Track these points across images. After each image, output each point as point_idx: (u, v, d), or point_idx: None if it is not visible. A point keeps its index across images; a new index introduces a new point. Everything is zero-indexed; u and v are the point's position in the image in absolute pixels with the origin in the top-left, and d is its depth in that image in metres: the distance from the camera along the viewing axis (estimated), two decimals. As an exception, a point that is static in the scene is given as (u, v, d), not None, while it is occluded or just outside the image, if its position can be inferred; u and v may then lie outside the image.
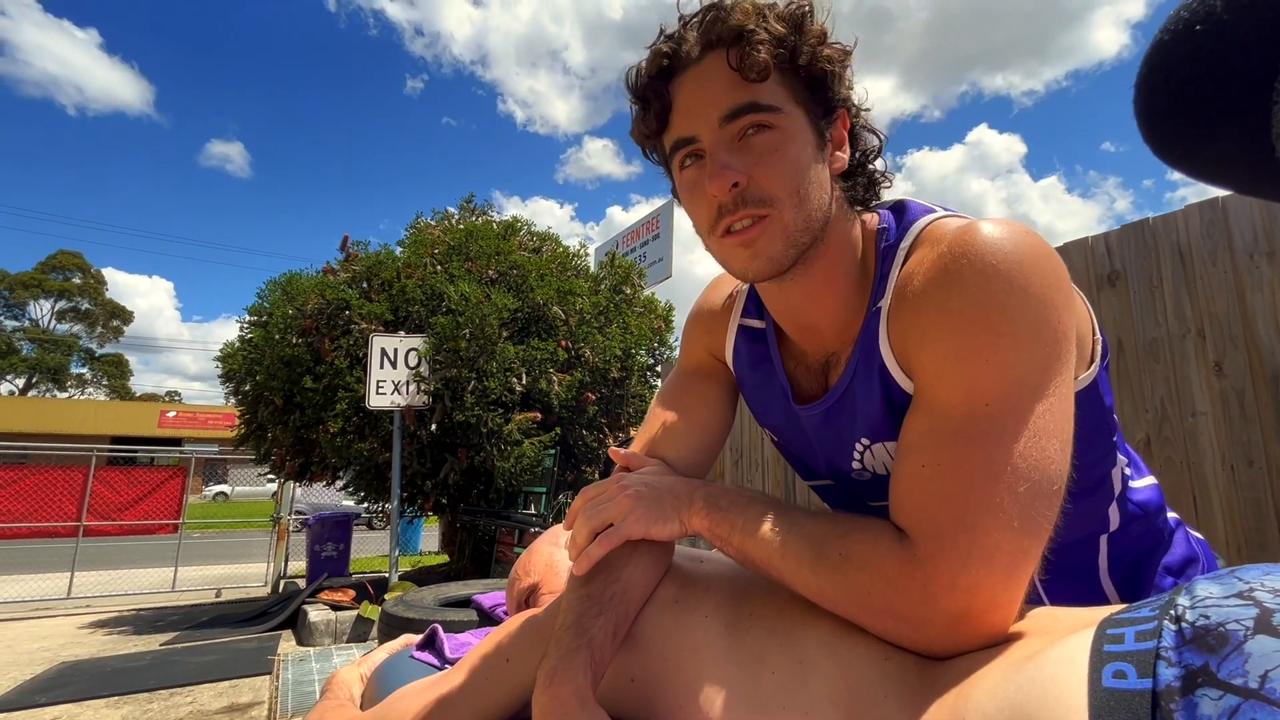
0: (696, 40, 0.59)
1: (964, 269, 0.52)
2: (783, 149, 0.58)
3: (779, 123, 0.58)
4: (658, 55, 0.60)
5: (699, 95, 0.59)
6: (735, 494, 0.61)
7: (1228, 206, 2.29)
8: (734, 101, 0.57)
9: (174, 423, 25.36)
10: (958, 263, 0.53)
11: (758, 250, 0.60)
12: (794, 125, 0.59)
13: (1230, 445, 2.20)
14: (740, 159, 0.58)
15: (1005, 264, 0.51)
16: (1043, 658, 0.37)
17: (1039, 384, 0.50)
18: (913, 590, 0.47)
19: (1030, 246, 0.52)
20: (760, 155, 0.58)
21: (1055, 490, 0.48)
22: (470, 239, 5.68)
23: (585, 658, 0.52)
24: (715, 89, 0.58)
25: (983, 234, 0.53)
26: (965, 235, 0.54)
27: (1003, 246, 0.52)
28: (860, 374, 0.63)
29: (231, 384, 5.95)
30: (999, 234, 0.53)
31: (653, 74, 0.61)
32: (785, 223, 0.59)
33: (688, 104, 0.60)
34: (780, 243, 0.59)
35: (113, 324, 40.72)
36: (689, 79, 0.60)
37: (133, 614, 5.91)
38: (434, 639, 0.89)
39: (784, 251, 0.60)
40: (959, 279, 0.53)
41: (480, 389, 4.81)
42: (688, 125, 0.60)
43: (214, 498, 23.47)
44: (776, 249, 0.59)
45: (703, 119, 0.59)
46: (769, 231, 0.59)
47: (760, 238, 0.59)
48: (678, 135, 0.61)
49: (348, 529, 6.41)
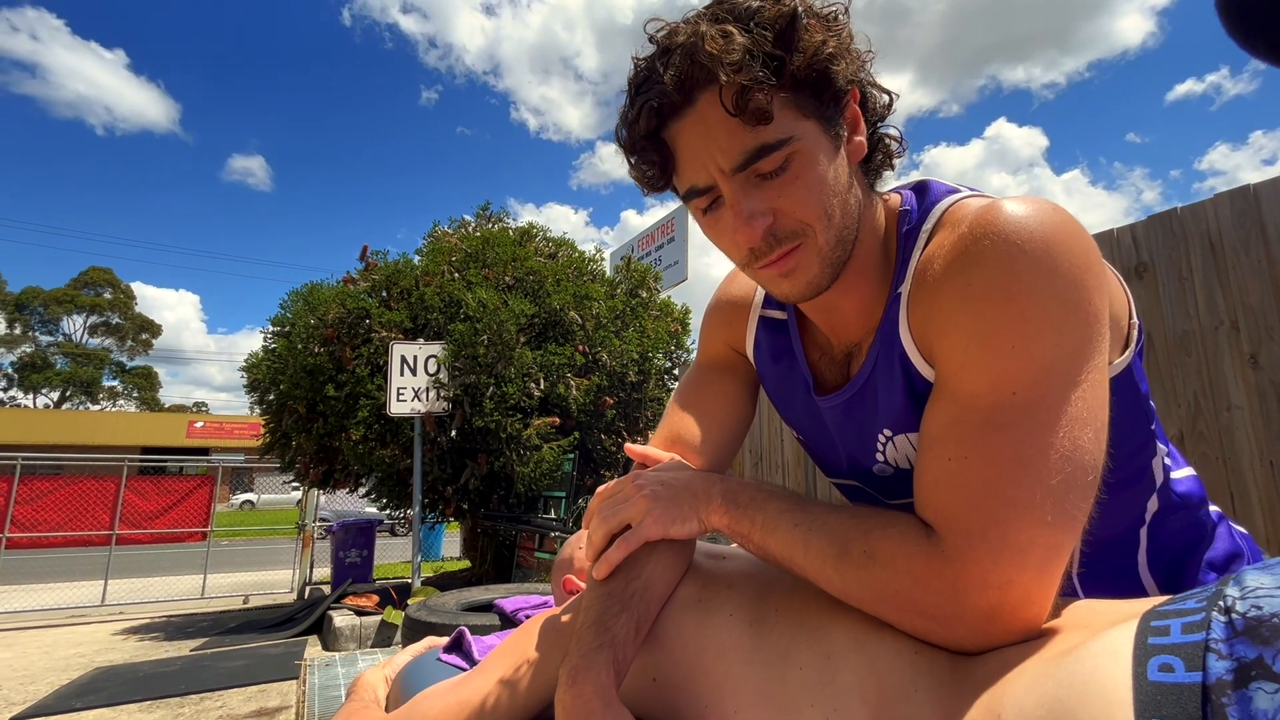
0: (676, 84, 0.54)
1: (986, 250, 0.50)
2: (804, 176, 0.55)
3: (793, 151, 0.54)
4: (648, 111, 0.56)
5: (703, 144, 0.55)
6: (754, 489, 0.60)
7: (1260, 195, 2.23)
8: (742, 150, 0.54)
9: (201, 433, 25.89)
10: (980, 243, 0.51)
11: (796, 278, 0.59)
12: (809, 145, 0.55)
13: (1269, 441, 2.13)
14: (762, 198, 0.55)
15: (1031, 243, 0.49)
16: (1083, 651, 0.36)
17: (1070, 369, 0.47)
18: (942, 588, 0.45)
19: (1058, 224, 0.50)
20: (782, 188, 0.55)
21: (1090, 481, 0.46)
22: (487, 246, 5.73)
23: (608, 656, 0.51)
24: (718, 136, 0.54)
25: (1006, 212, 0.51)
26: (988, 214, 0.52)
27: (1028, 224, 0.50)
28: (881, 363, 0.61)
29: (256, 393, 6.05)
30: (1024, 211, 0.51)
31: (646, 132, 0.57)
32: (819, 246, 0.57)
33: (692, 154, 0.56)
34: (817, 266, 0.58)
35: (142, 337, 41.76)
36: (685, 127, 0.56)
37: (164, 620, 6.03)
38: (461, 641, 0.89)
39: (822, 273, 0.59)
40: (981, 260, 0.50)
41: (499, 394, 4.83)
42: (699, 175, 0.57)
43: (241, 506, 23.87)
44: (814, 273, 0.59)
45: (713, 168, 0.55)
46: (805, 259, 0.58)
47: (798, 266, 0.58)
48: (690, 185, 0.58)
49: (371, 535, 6.48)
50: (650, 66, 0.56)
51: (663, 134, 0.58)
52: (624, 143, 0.61)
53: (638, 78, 0.58)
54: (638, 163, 0.60)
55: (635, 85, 0.58)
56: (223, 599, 6.99)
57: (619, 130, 0.61)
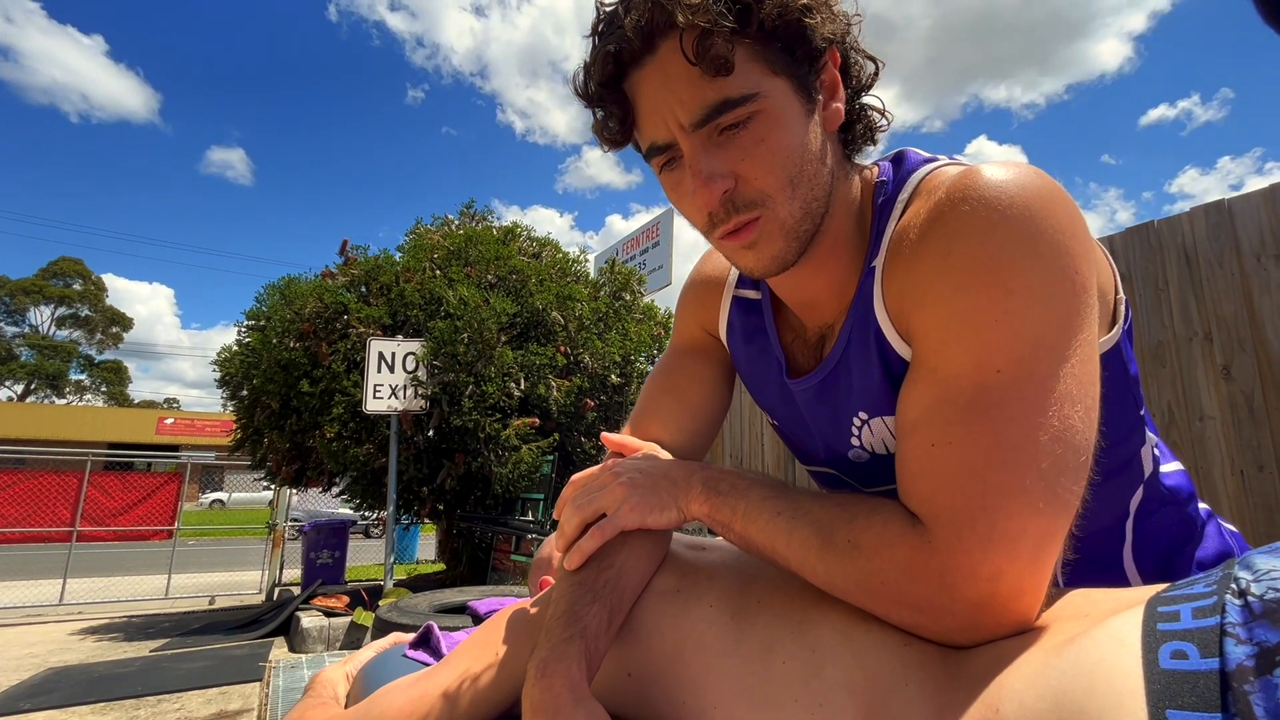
0: (635, 30, 0.51)
1: (965, 217, 0.47)
2: (768, 138, 0.52)
3: (758, 108, 0.51)
4: (605, 57, 0.53)
5: (662, 96, 0.52)
6: (735, 477, 0.57)
7: (1233, 209, 2.27)
8: (702, 103, 0.50)
9: (172, 429, 25.25)
10: (957, 209, 0.48)
11: (760, 251, 0.56)
12: (776, 103, 0.52)
13: (1240, 450, 2.16)
14: (723, 159, 0.52)
15: (1012, 209, 0.46)
16: (1086, 640, 0.33)
17: (1057, 344, 0.44)
18: (929, 579, 0.43)
19: (1039, 188, 0.47)
20: (745, 150, 0.52)
21: (1082, 462, 0.44)
22: (470, 244, 5.67)
23: (579, 647, 0.48)
24: (678, 88, 0.51)
25: (985, 177, 0.48)
26: (966, 179, 0.49)
27: (1008, 189, 0.46)
28: (855, 342, 0.58)
29: (229, 388, 5.90)
30: (1003, 176, 0.47)
31: (603, 80, 0.54)
32: (781, 219, 0.54)
33: (651, 106, 0.53)
34: (780, 240, 0.55)
35: (112, 330, 40.69)
36: (646, 77, 0.53)
37: (124, 620, 5.83)
38: (429, 637, 0.85)
39: (786, 247, 0.56)
40: (960, 229, 0.47)
41: (478, 394, 4.77)
42: (657, 130, 0.54)
43: (210, 505, 23.31)
44: (778, 247, 0.56)
45: (672, 122, 0.52)
46: (766, 231, 0.55)
47: (760, 239, 0.55)
48: (649, 141, 0.55)
49: (344, 536, 6.34)
50: (612, 11, 0.54)
51: (623, 84, 0.55)
52: (582, 93, 0.57)
53: (599, 23, 0.55)
54: (598, 115, 0.57)
55: (596, 30, 0.55)
56: (188, 599, 6.78)
57: (576, 80, 0.57)
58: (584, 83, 0.57)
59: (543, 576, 0.85)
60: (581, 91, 0.57)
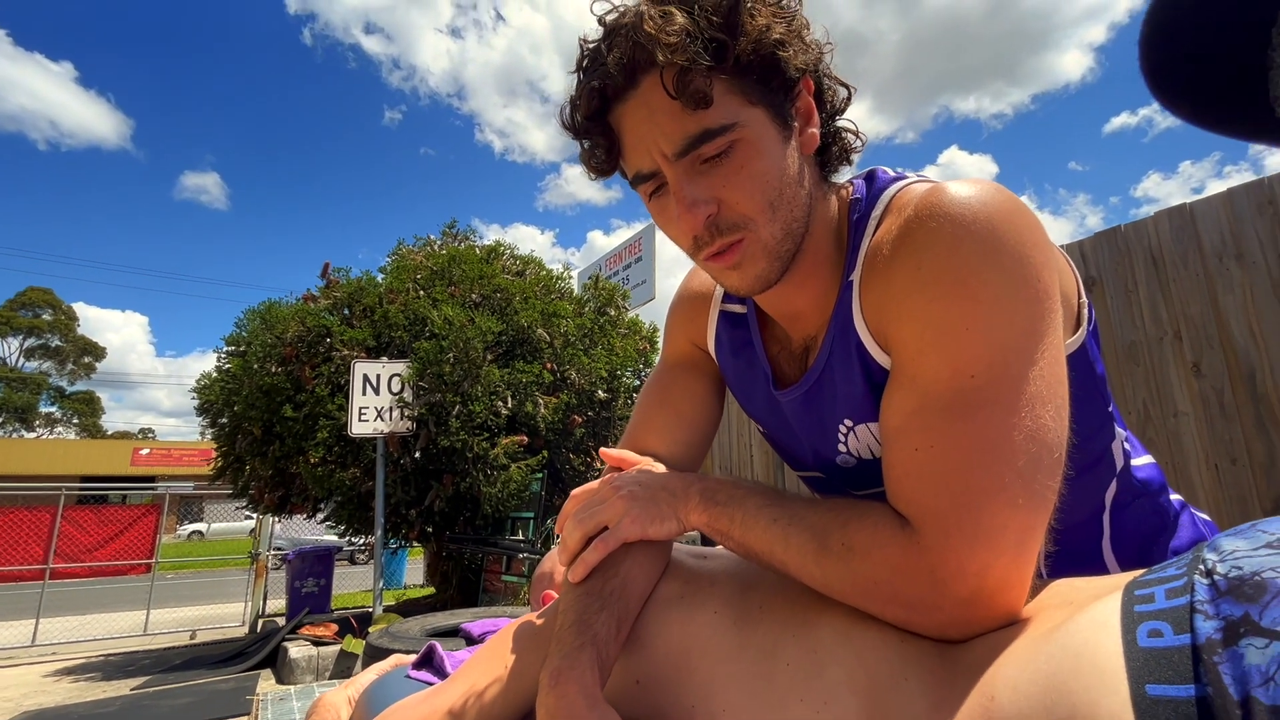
0: (618, 66, 0.53)
1: (933, 232, 0.50)
2: (748, 165, 0.54)
3: (737, 137, 0.54)
4: (591, 93, 0.56)
5: (645, 128, 0.55)
6: (732, 486, 0.60)
7: (1195, 212, 2.36)
8: (684, 134, 0.53)
9: (147, 460, 24.64)
10: (925, 226, 0.51)
11: (744, 271, 0.59)
12: (754, 132, 0.54)
13: (1213, 444, 2.23)
14: (705, 185, 0.55)
15: (975, 223, 0.49)
16: (1071, 625, 0.36)
17: (1025, 348, 0.48)
18: (920, 578, 0.45)
19: (999, 203, 0.50)
20: (726, 177, 0.55)
21: (1056, 459, 0.47)
22: (453, 264, 5.66)
23: (590, 655, 0.50)
24: (660, 120, 0.53)
25: (949, 194, 0.51)
26: (931, 197, 0.52)
27: (970, 205, 0.50)
28: (837, 353, 0.61)
29: (208, 416, 5.81)
30: (966, 193, 0.51)
31: (589, 114, 0.57)
32: (764, 240, 0.57)
33: (636, 137, 0.56)
34: (763, 261, 0.58)
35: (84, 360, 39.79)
36: (629, 110, 0.56)
37: (101, 660, 5.65)
38: (432, 656, 0.85)
39: (769, 266, 0.59)
40: (928, 244, 0.50)
41: (465, 413, 4.74)
42: (642, 160, 0.57)
43: (189, 536, 22.72)
44: (760, 267, 0.58)
45: (656, 152, 0.55)
46: (750, 252, 0.57)
47: (744, 260, 0.58)
48: (635, 170, 0.58)
49: (329, 563, 6.23)
50: (595, 49, 0.56)
51: (608, 117, 0.57)
52: (569, 126, 0.60)
53: (583, 59, 0.57)
54: (584, 146, 0.60)
55: (581, 66, 0.58)
56: (168, 635, 6.60)
57: (563, 114, 0.60)
58: (570, 116, 0.59)
59: (545, 591, 0.86)
60: (568, 124, 0.60)
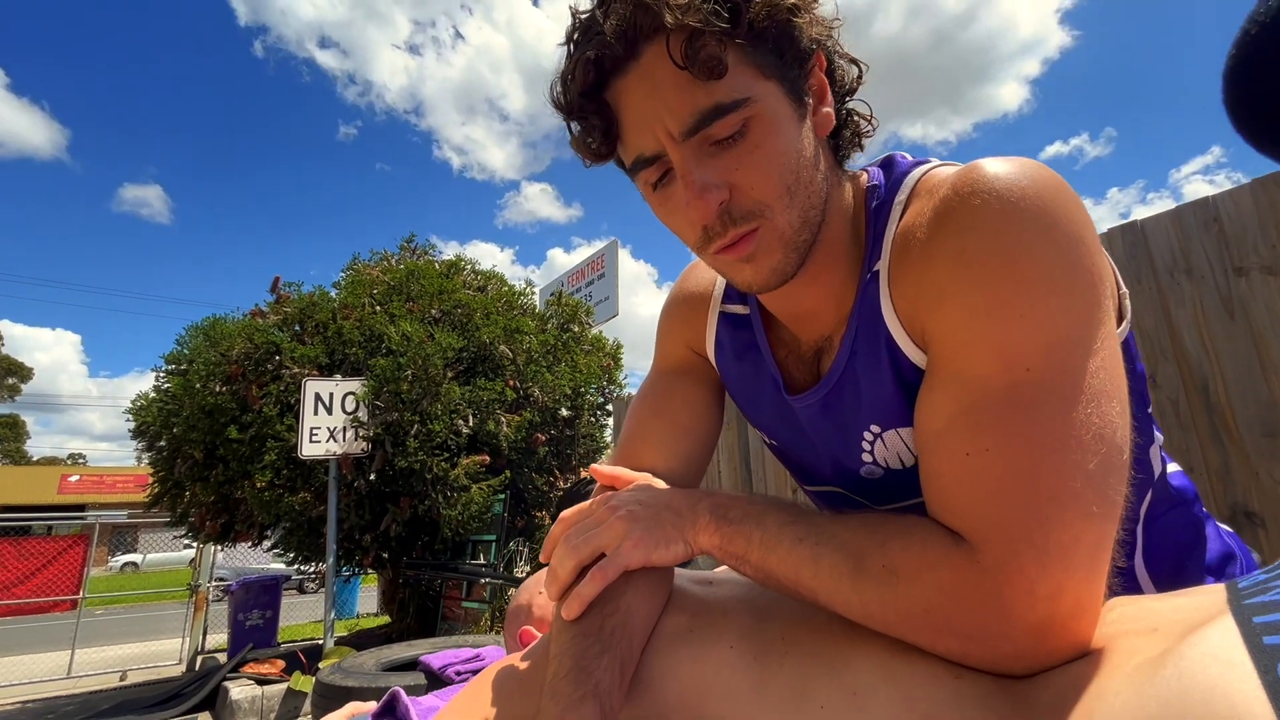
0: (617, 34, 0.48)
1: (976, 210, 0.45)
2: (763, 145, 0.49)
3: (752, 114, 0.48)
4: (585, 65, 0.49)
5: (649, 104, 0.49)
6: (746, 502, 0.53)
7: (1146, 229, 2.45)
8: (693, 110, 0.47)
9: (77, 487, 23.09)
10: (968, 204, 0.46)
11: (759, 264, 0.53)
12: (768, 108, 0.49)
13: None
14: (717, 169, 0.49)
15: (1026, 200, 0.44)
16: (1182, 663, 0.30)
17: (1084, 338, 0.43)
18: (981, 604, 0.39)
19: (1048, 179, 0.46)
20: (739, 159, 0.49)
21: (1125, 461, 0.42)
22: (411, 279, 5.50)
23: (593, 708, 0.42)
24: (667, 95, 0.48)
25: (992, 170, 0.46)
26: (973, 174, 0.47)
27: (1019, 181, 0.45)
28: (861, 351, 0.55)
29: (145, 439, 5.45)
30: (1012, 169, 0.46)
31: (584, 89, 0.51)
32: (780, 229, 0.51)
33: (638, 116, 0.50)
34: (779, 252, 0.52)
35: (8, 382, 37.29)
36: (631, 84, 0.50)
37: (17, 708, 5.17)
38: (395, 706, 0.75)
39: (786, 259, 0.53)
40: (973, 223, 0.45)
41: (424, 432, 4.56)
42: (645, 142, 0.50)
43: (122, 568, 21.28)
44: (776, 259, 0.53)
45: (661, 132, 0.49)
46: (765, 242, 0.52)
47: (758, 251, 0.52)
48: (635, 153, 0.52)
49: (276, 594, 5.88)
50: (589, 16, 0.50)
51: (604, 94, 0.51)
52: (560, 104, 0.53)
53: (575, 29, 0.51)
54: (577, 129, 0.53)
55: (572, 38, 0.51)
56: (94, 677, 6.09)
57: (554, 90, 0.53)
58: (561, 93, 0.53)
59: (523, 627, 0.77)
60: (559, 103, 0.53)
